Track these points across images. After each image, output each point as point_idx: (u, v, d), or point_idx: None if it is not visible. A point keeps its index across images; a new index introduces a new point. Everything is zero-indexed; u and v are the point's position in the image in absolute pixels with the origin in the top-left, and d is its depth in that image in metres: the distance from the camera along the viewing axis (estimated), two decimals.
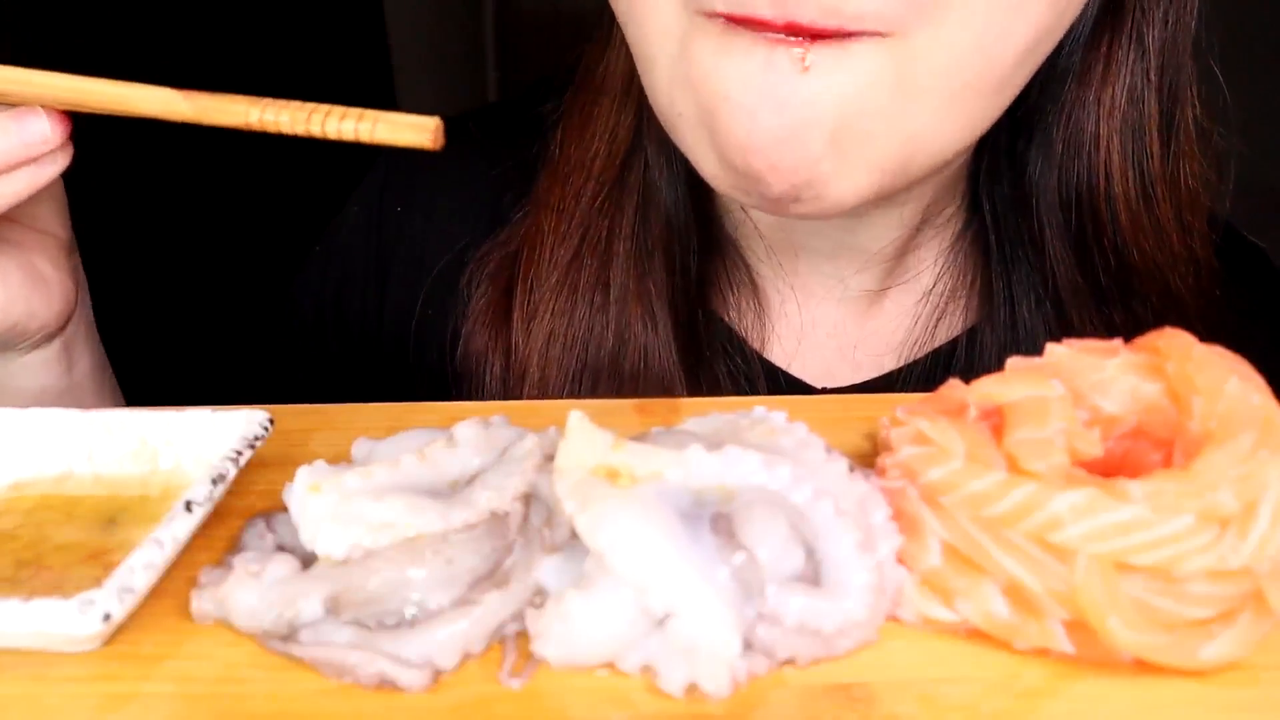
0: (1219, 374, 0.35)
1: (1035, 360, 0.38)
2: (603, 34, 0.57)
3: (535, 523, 0.34)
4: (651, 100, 0.47)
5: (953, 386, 0.37)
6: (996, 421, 0.35)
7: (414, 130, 0.37)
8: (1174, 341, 0.36)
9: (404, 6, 1.85)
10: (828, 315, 0.58)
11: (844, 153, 0.41)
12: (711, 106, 0.42)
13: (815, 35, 0.39)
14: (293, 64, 1.54)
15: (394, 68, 1.83)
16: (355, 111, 0.38)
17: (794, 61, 0.40)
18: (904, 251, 0.56)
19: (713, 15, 0.40)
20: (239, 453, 0.37)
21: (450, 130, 0.67)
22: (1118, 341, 0.38)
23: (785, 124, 0.41)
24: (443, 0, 2.06)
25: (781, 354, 0.58)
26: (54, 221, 0.49)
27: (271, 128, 0.38)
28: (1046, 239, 0.53)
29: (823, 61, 0.39)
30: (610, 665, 0.31)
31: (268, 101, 0.39)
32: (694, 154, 0.45)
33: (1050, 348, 0.38)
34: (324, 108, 0.38)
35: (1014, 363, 0.38)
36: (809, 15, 0.38)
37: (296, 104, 0.38)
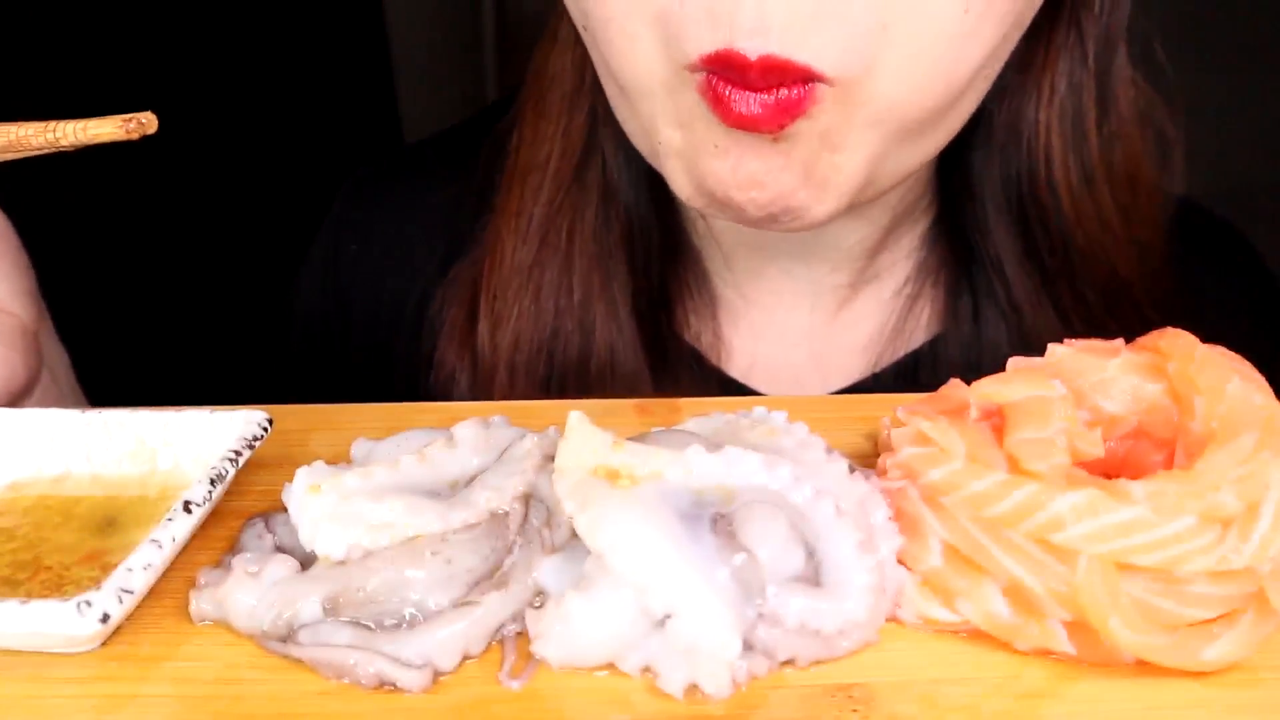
0: (1221, 374, 0.35)
1: (1036, 360, 0.38)
2: (550, 30, 0.56)
3: (535, 523, 0.34)
4: (623, 123, 0.47)
5: (954, 386, 0.37)
6: (997, 422, 0.35)
7: (112, 125, 0.38)
8: (1176, 341, 0.36)
9: (404, 7, 1.85)
10: (798, 322, 0.58)
11: (817, 184, 0.43)
12: (695, 145, 0.43)
13: (781, 75, 0.39)
14: (293, 64, 1.54)
15: (394, 69, 1.83)
16: (77, 120, 0.39)
17: (766, 141, 0.41)
18: (877, 250, 0.56)
19: (695, 69, 0.40)
20: (238, 453, 0.36)
21: (406, 159, 0.66)
22: (1119, 341, 0.38)
23: (764, 168, 0.42)
24: (443, 1, 2.06)
25: (745, 367, 0.58)
26: (10, 300, 0.47)
27: (25, 144, 0.39)
28: (991, 227, 0.53)
29: (798, 130, 0.40)
30: (610, 666, 0.31)
31: (21, 123, 0.40)
32: (669, 176, 0.45)
33: (1051, 347, 0.38)
34: (54, 122, 0.39)
35: (1015, 362, 0.38)
36: (778, 45, 0.38)
37: (38, 122, 0.39)
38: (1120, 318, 0.52)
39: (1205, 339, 0.37)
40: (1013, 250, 0.54)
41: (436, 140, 0.67)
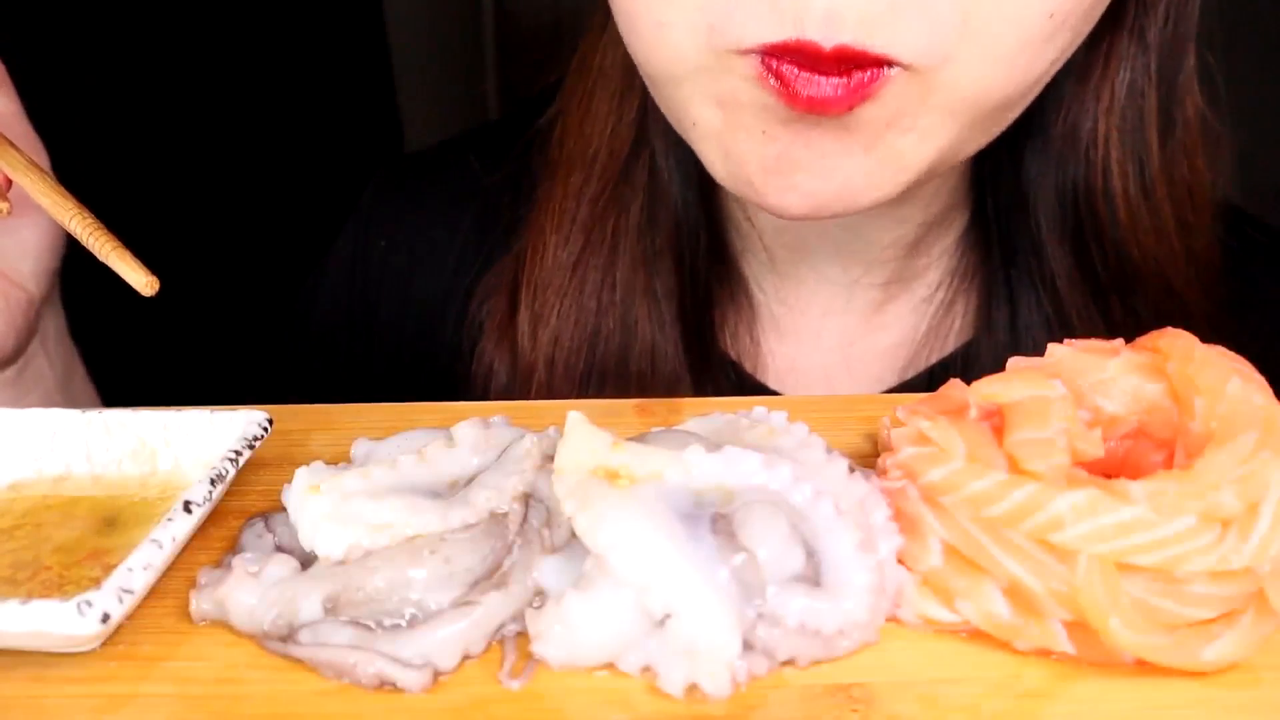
0: (1221, 374, 0.35)
1: (1036, 360, 0.38)
2: (598, 24, 0.55)
3: (534, 523, 0.34)
4: (661, 106, 0.47)
5: (954, 386, 0.37)
6: (997, 422, 0.35)
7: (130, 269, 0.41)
8: (1175, 341, 0.36)
9: (404, 10, 1.85)
10: (832, 327, 0.57)
11: (875, 167, 0.42)
12: (735, 126, 0.42)
13: (855, 62, 0.38)
14: (294, 68, 1.54)
15: (394, 72, 1.83)
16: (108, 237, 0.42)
17: (823, 126, 0.40)
18: (912, 253, 0.56)
19: (747, 54, 0.39)
20: (238, 453, 0.36)
21: (432, 157, 0.67)
22: (1119, 341, 0.38)
23: (811, 156, 0.41)
24: (443, 4, 2.06)
25: (780, 372, 0.57)
26: (22, 274, 0.50)
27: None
28: (1044, 236, 0.53)
29: (861, 113, 0.40)
30: (610, 666, 0.31)
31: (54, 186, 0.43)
32: (708, 163, 0.45)
33: (1051, 348, 0.37)
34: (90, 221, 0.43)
35: (1015, 362, 0.38)
36: (852, 36, 0.37)
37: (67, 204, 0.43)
38: None
39: (1264, 351, 0.37)
40: (1064, 261, 0.53)
41: (465, 139, 0.67)
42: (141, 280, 0.39)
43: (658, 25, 0.41)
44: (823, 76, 0.38)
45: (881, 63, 0.38)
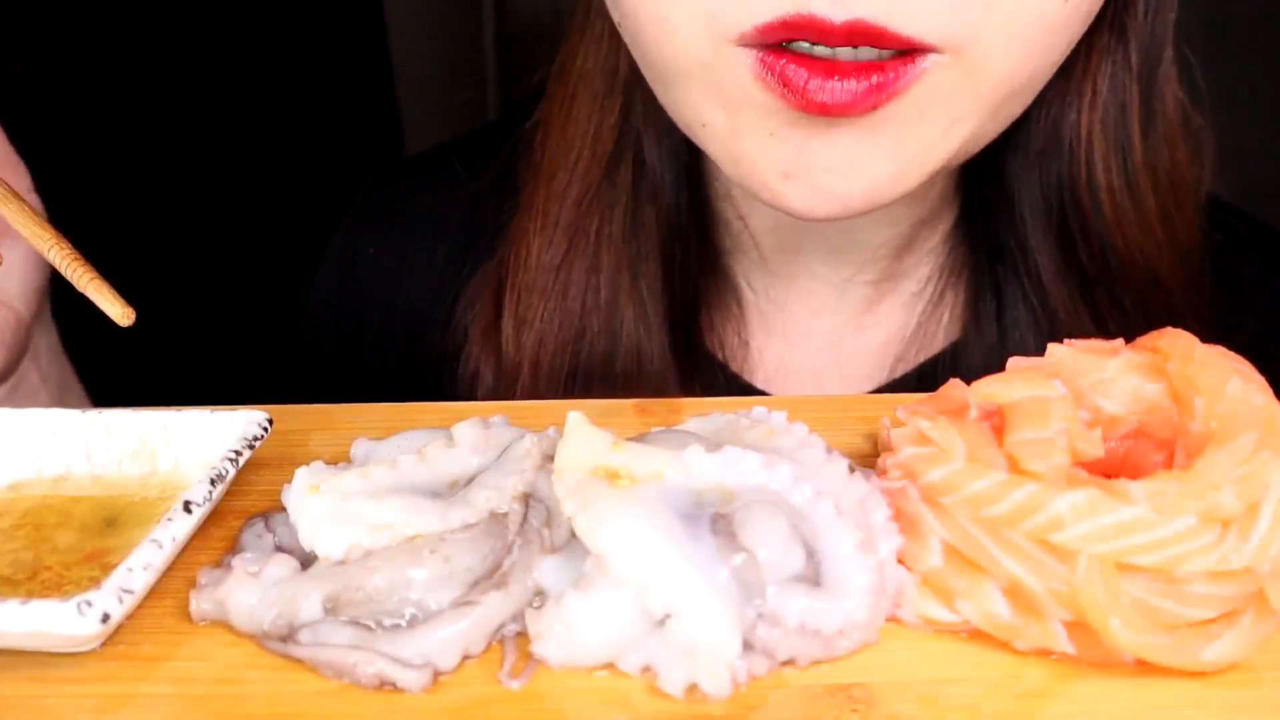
0: (1221, 374, 0.35)
1: (1036, 360, 0.38)
2: (577, 25, 0.55)
3: (534, 523, 0.34)
4: (667, 109, 0.46)
5: (953, 386, 0.37)
6: (997, 422, 0.35)
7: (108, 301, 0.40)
8: (1175, 341, 0.36)
9: (404, 10, 1.85)
10: (822, 326, 0.57)
11: (902, 163, 0.41)
12: (741, 130, 0.41)
13: (873, 40, 0.37)
14: (295, 69, 1.54)
15: (394, 72, 1.83)
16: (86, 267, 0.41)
17: (840, 125, 0.39)
18: (904, 251, 0.56)
19: (748, 42, 0.38)
20: (238, 453, 0.36)
21: (424, 162, 0.67)
22: (1119, 341, 0.38)
23: (832, 158, 0.40)
24: (443, 5, 2.06)
25: (769, 373, 0.57)
26: (9, 293, 0.50)
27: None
28: (1029, 230, 0.53)
29: (888, 109, 0.39)
30: (610, 666, 0.31)
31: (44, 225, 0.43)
32: (721, 165, 0.44)
33: (1051, 347, 0.37)
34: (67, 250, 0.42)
35: (1015, 362, 0.38)
36: (867, 9, 0.36)
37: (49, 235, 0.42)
38: (1158, 325, 0.52)
39: (1250, 340, 0.37)
40: (1050, 255, 0.53)
41: (456, 145, 0.67)
42: (118, 311, 0.39)
43: (660, 21, 0.41)
44: (838, 82, 0.37)
45: (906, 45, 0.37)
